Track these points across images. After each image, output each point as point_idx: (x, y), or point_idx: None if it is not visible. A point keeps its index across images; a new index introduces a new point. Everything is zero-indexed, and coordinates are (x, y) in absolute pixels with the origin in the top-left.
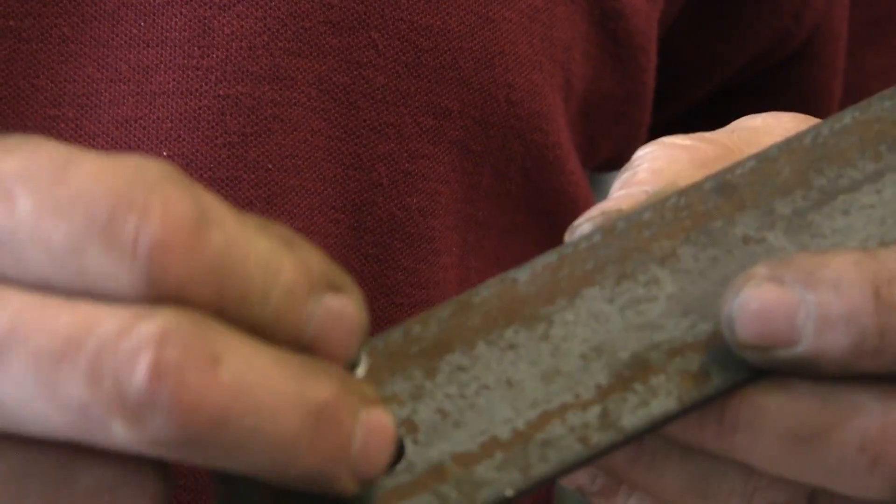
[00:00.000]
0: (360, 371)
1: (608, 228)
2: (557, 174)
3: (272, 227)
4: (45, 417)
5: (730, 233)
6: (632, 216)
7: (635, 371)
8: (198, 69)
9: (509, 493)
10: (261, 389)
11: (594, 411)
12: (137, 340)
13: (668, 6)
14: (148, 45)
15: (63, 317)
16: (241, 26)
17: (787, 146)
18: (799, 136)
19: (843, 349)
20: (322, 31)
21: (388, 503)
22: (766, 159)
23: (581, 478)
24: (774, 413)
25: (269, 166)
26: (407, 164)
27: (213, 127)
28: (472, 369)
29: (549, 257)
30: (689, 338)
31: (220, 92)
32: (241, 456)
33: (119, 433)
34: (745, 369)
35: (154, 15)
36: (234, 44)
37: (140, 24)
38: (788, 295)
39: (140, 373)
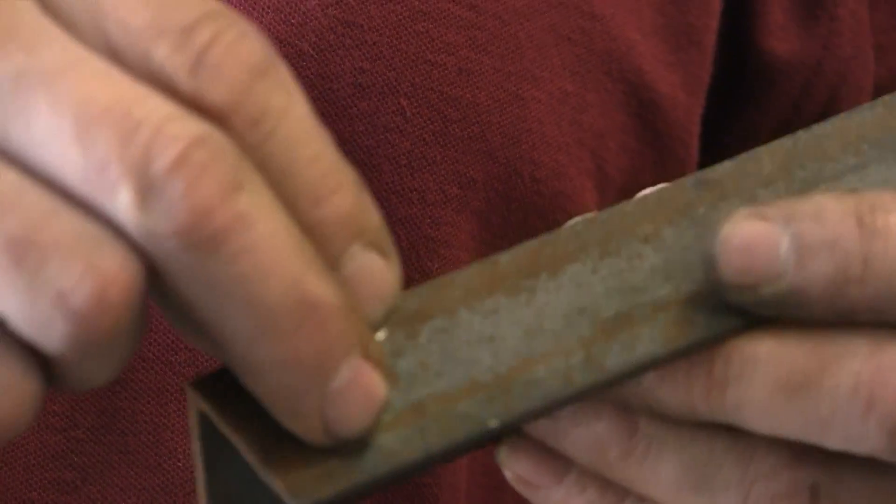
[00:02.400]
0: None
1: (591, 218)
2: None
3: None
4: (64, 160)
5: (713, 216)
6: (614, 208)
7: (620, 324)
8: None
9: (493, 423)
10: (267, 241)
11: (578, 356)
12: (179, 129)
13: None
14: None
15: (124, 85)
16: None
17: (768, 148)
18: (779, 140)
19: (827, 277)
20: (350, 94)
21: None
22: (746, 158)
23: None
24: (764, 361)
25: None
26: (429, 230)
27: None
28: (454, 330)
29: (530, 243)
30: (673, 296)
31: None
32: (218, 297)
33: (122, 203)
34: (732, 318)
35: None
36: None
37: None
38: (770, 228)
39: (166, 156)
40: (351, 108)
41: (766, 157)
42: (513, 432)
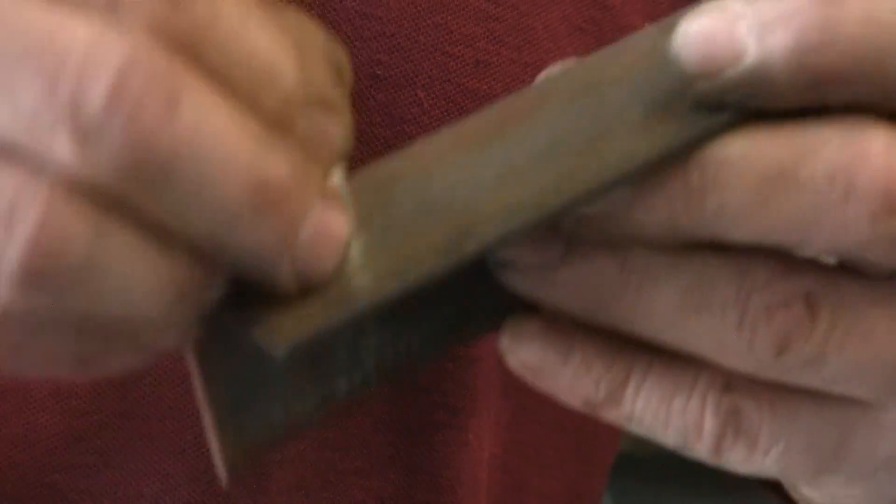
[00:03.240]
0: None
1: (555, 72)
2: None
3: (286, 16)
4: None
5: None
6: (580, 61)
7: (592, 146)
8: None
9: (470, 247)
10: (213, 144)
11: (551, 179)
12: (103, 57)
13: None
14: None
15: (36, 13)
16: None
17: None
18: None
19: (787, 48)
20: (367, 85)
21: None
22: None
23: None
24: (738, 162)
25: None
26: None
27: None
28: (427, 182)
29: (498, 102)
30: (644, 116)
31: None
32: (180, 210)
33: (63, 150)
34: (703, 120)
35: None
36: None
37: None
38: (728, 13)
39: (98, 93)
40: (368, 99)
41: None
42: (496, 265)
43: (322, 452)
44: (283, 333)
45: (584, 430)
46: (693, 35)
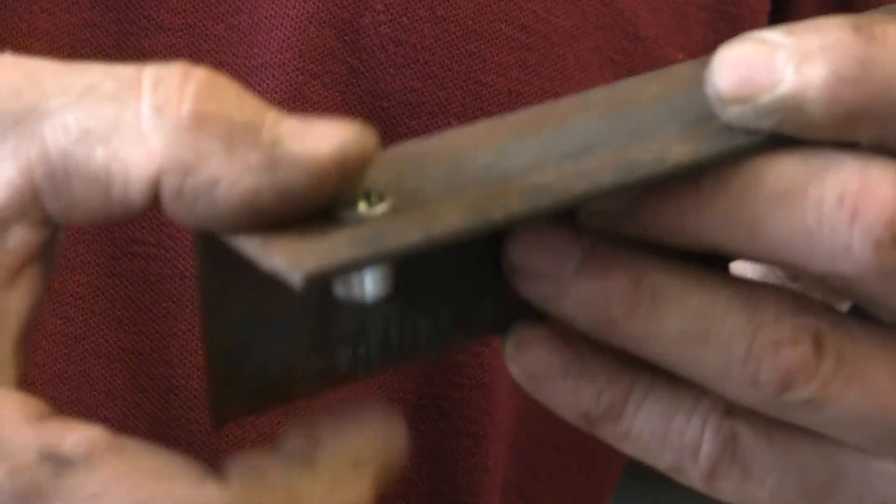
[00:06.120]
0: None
1: (596, 89)
2: None
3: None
4: None
5: None
6: (620, 81)
7: (623, 149)
8: None
9: (496, 215)
10: None
11: (580, 170)
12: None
13: None
14: None
15: None
16: (327, 96)
17: None
18: None
19: (824, 79)
20: (401, 113)
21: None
22: None
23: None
24: (751, 173)
25: None
26: None
27: None
28: (460, 160)
29: (535, 106)
30: (677, 131)
31: None
32: None
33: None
34: (734, 141)
35: (249, 77)
36: (319, 112)
37: None
38: (768, 43)
39: None
40: (401, 127)
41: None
42: (511, 269)
43: None
44: (302, 263)
45: (598, 452)
46: (731, 59)
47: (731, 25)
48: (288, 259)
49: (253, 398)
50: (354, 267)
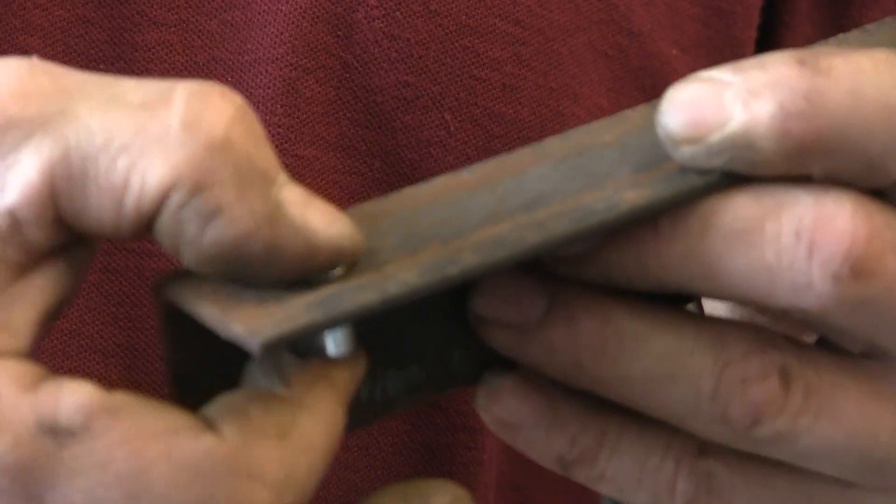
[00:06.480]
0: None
1: (552, 137)
2: None
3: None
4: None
5: None
6: (575, 129)
7: (578, 197)
8: (279, 127)
9: (452, 270)
10: None
11: (536, 221)
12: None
13: None
14: None
15: None
16: (321, 91)
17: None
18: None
19: (771, 114)
20: (394, 107)
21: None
22: None
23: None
24: (707, 213)
25: None
26: None
27: None
28: (417, 217)
29: (493, 158)
30: (632, 176)
31: (297, 152)
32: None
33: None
34: (687, 182)
35: (242, 72)
36: (313, 108)
37: (228, 80)
38: (715, 81)
39: None
40: (395, 121)
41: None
42: (476, 319)
43: (344, 474)
44: (260, 330)
45: None
46: (680, 100)
47: (724, 21)
48: (246, 326)
49: None
50: (312, 331)
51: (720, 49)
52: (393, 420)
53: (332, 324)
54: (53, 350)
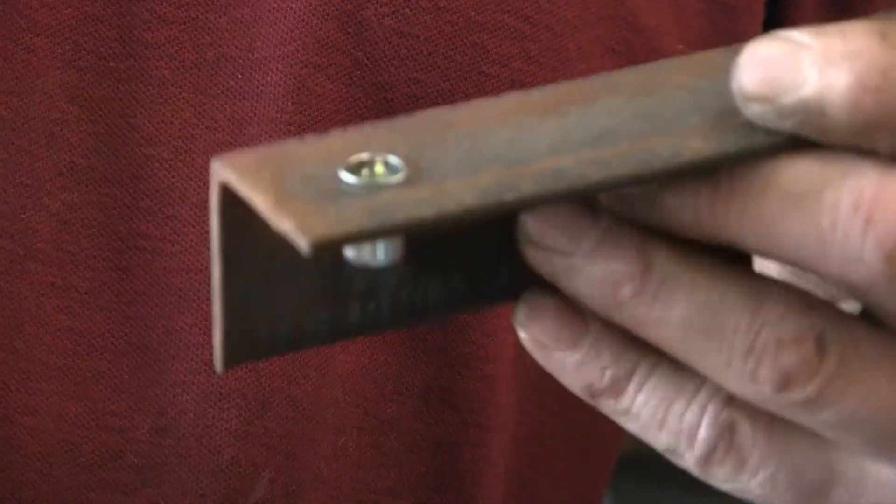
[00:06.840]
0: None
1: (625, 69)
2: None
3: None
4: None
5: None
6: (649, 63)
7: (644, 138)
8: (290, 124)
9: (509, 196)
10: None
11: (599, 157)
12: None
13: None
14: (244, 98)
15: None
16: (331, 88)
17: None
18: None
19: (846, 85)
20: (405, 104)
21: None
22: None
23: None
24: (768, 173)
25: None
26: None
27: None
28: (482, 135)
29: (564, 83)
30: (700, 124)
31: None
32: None
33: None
34: (755, 139)
35: (252, 70)
36: (324, 105)
37: (238, 77)
38: (794, 43)
39: None
40: None
41: None
42: (525, 238)
43: (356, 472)
44: (311, 229)
45: (592, 439)
46: (757, 57)
47: (729, 17)
48: (298, 223)
49: (260, 345)
50: (363, 237)
51: (725, 45)
52: (405, 418)
53: (383, 234)
54: (64, 349)
